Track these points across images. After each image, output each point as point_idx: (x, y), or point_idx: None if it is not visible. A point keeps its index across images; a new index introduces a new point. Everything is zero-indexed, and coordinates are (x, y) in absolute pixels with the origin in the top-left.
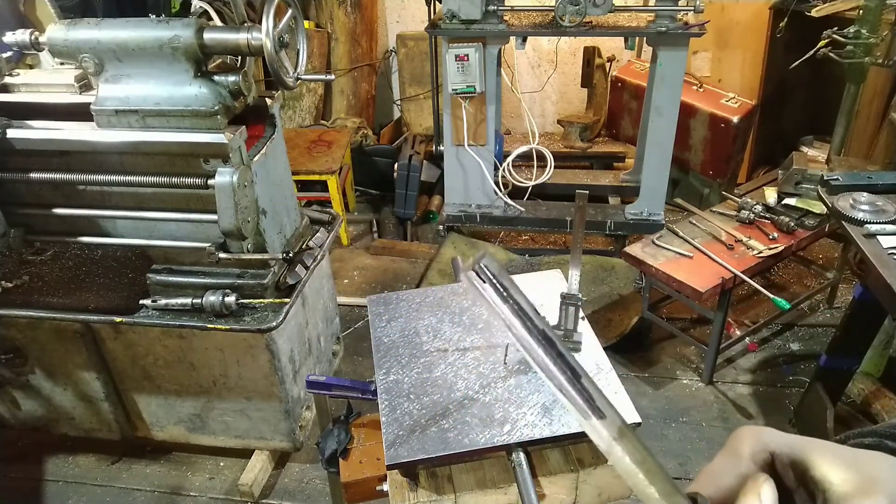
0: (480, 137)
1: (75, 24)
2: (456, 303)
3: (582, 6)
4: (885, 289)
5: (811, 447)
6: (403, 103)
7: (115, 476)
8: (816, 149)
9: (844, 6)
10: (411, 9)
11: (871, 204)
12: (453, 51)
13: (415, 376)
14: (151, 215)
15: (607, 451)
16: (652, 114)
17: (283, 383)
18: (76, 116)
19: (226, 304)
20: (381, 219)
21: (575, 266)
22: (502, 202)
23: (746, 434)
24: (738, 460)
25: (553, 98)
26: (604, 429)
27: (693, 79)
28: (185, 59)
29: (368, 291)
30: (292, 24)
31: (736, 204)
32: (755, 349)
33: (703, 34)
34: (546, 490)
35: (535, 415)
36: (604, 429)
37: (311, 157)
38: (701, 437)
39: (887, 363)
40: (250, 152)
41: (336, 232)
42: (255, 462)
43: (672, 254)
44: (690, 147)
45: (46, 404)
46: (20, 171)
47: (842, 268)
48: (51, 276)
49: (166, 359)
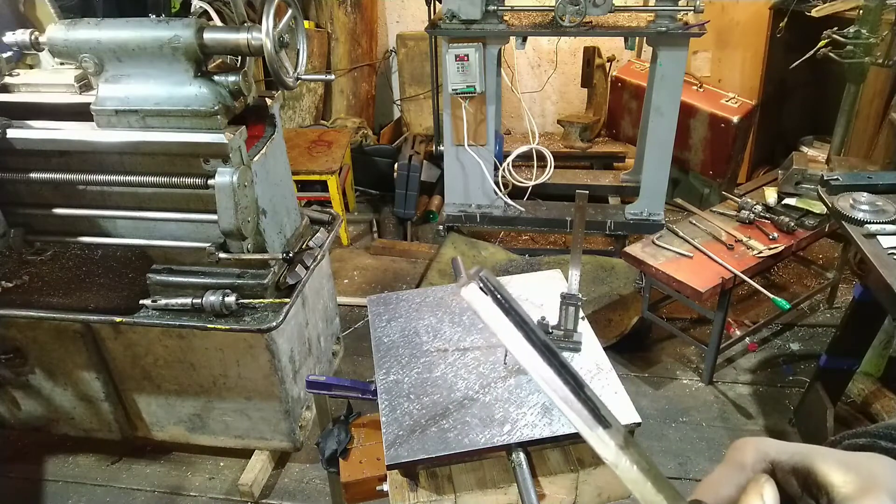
0: (480, 137)
1: (75, 24)
2: (456, 303)
3: (582, 6)
4: (885, 289)
5: (812, 453)
6: (403, 103)
7: (115, 476)
8: (816, 149)
9: (844, 6)
10: (411, 9)
11: (871, 204)
12: (453, 51)
13: (415, 376)
14: (151, 215)
15: (614, 462)
16: (652, 114)
17: (283, 383)
18: (76, 116)
19: (226, 304)
20: (381, 219)
21: (575, 266)
22: (502, 202)
23: (746, 445)
24: (739, 471)
25: (553, 98)
26: (610, 439)
27: (693, 79)
28: (185, 59)
29: (368, 291)
30: (292, 24)
31: (736, 204)
32: (755, 349)
33: (703, 34)
34: (546, 490)
35: (535, 415)
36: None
37: (311, 157)
38: (701, 437)
39: (887, 363)
40: (250, 152)
41: (336, 232)
42: (255, 462)
43: (672, 254)
44: (690, 147)
45: (46, 404)
46: (20, 171)
47: (842, 268)
48: (51, 276)
49: (166, 359)
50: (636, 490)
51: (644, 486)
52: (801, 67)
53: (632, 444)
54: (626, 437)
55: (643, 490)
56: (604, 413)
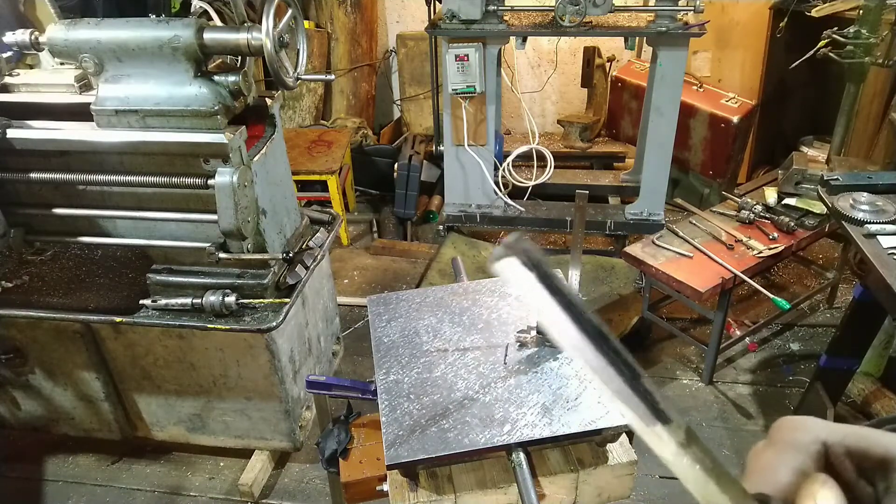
0: (480, 137)
1: (75, 24)
2: (456, 303)
3: (582, 6)
4: (885, 289)
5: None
6: (403, 103)
7: (115, 476)
8: (816, 149)
9: (844, 6)
10: (411, 9)
11: (871, 204)
12: (453, 51)
13: (415, 376)
14: (151, 215)
15: (674, 462)
16: (652, 114)
17: (283, 383)
18: (76, 116)
19: (226, 304)
20: (381, 219)
21: (575, 266)
22: (502, 202)
23: (794, 424)
24: (793, 454)
25: (553, 98)
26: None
27: (693, 79)
28: (185, 59)
29: (368, 291)
30: (292, 24)
31: (736, 204)
32: (755, 349)
33: (703, 34)
34: (546, 490)
35: (535, 415)
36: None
37: (311, 157)
38: (701, 436)
39: (887, 363)
40: (250, 152)
41: (336, 232)
42: (255, 462)
43: (672, 254)
44: (690, 147)
45: (46, 404)
46: (20, 171)
47: (842, 268)
48: (51, 276)
49: (166, 359)
50: (697, 491)
51: (707, 486)
52: (801, 67)
53: (694, 442)
54: (689, 433)
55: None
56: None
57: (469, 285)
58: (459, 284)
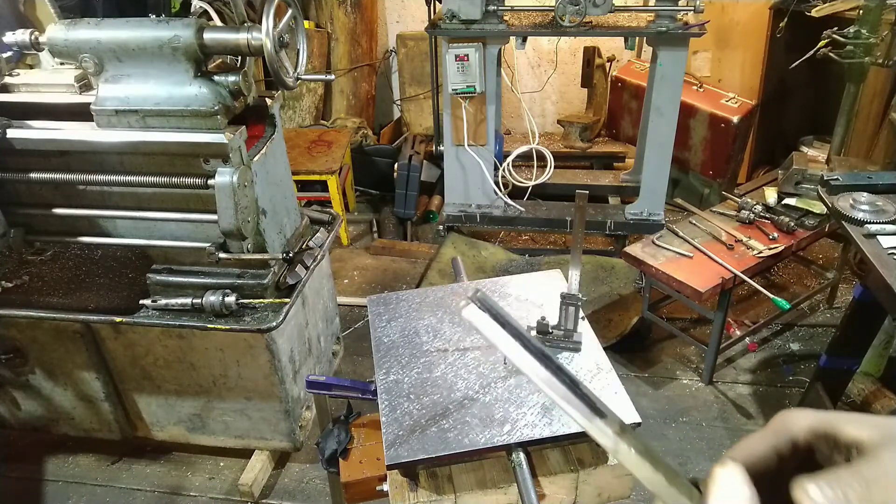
0: (480, 137)
1: (75, 24)
2: (456, 303)
3: (582, 6)
4: (885, 289)
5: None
6: (403, 103)
7: (115, 476)
8: (816, 149)
9: (844, 6)
10: (411, 9)
11: (871, 204)
12: (453, 51)
13: (415, 376)
14: (151, 215)
15: (614, 448)
16: (652, 114)
17: (283, 383)
18: (76, 116)
19: (226, 304)
20: (381, 219)
21: (575, 266)
22: (502, 202)
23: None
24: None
25: (553, 98)
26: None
27: (693, 79)
28: (185, 59)
29: (368, 291)
30: (292, 24)
31: (736, 204)
32: (755, 349)
33: (703, 34)
34: (546, 490)
35: (535, 415)
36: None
37: (311, 157)
38: (701, 437)
39: (887, 363)
40: (250, 152)
41: (336, 232)
42: (255, 462)
43: (672, 254)
44: (690, 147)
45: (46, 404)
46: (20, 171)
47: (842, 268)
48: (51, 276)
49: (166, 359)
50: (637, 472)
51: (644, 467)
52: (801, 67)
53: (628, 431)
54: (622, 425)
55: (643, 471)
56: (599, 406)
57: (469, 285)
58: (459, 284)
